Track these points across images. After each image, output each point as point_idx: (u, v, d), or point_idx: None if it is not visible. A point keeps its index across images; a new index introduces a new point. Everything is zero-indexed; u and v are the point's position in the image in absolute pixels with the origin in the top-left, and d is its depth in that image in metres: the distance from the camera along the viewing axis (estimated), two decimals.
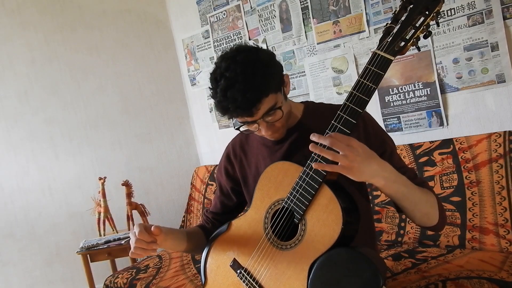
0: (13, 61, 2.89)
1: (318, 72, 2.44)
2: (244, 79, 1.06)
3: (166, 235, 1.23)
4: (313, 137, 0.97)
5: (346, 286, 0.98)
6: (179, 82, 3.28)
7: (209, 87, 1.14)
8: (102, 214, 2.69)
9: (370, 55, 0.98)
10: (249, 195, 1.34)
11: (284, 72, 1.20)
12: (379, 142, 1.18)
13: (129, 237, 2.51)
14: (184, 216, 2.97)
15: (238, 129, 1.19)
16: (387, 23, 0.98)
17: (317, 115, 1.25)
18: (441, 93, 2.02)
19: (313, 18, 2.41)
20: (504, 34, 1.81)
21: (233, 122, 1.16)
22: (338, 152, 0.95)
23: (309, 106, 1.29)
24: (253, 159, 1.32)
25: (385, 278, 1.01)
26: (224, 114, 1.12)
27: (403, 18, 0.95)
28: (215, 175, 1.46)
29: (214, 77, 1.12)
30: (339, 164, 0.95)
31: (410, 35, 0.95)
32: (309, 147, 0.98)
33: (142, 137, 3.17)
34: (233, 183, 1.39)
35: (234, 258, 1.21)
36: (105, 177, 2.71)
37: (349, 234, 1.02)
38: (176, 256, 2.30)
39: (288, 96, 1.22)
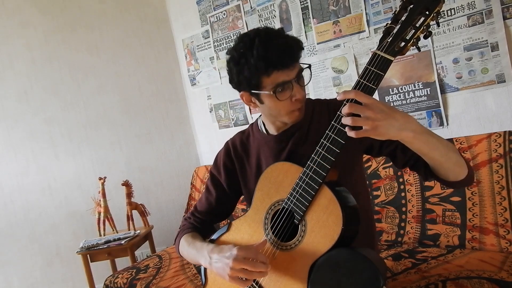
0: (13, 61, 2.89)
1: (318, 72, 2.44)
2: (283, 31, 1.15)
3: None
4: (339, 96, 0.95)
5: (346, 286, 0.98)
6: (179, 82, 3.28)
7: (232, 61, 1.13)
8: (102, 214, 2.70)
9: (370, 56, 0.98)
10: (249, 195, 1.34)
11: None
12: None
13: (129, 237, 2.55)
14: (184, 216, 2.97)
15: (275, 94, 1.11)
16: (387, 23, 0.97)
17: (317, 112, 1.25)
18: (441, 93, 2.02)
19: (313, 18, 2.41)
20: (504, 34, 1.81)
21: (272, 91, 1.10)
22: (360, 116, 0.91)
23: (308, 103, 1.28)
24: (254, 159, 1.32)
25: (385, 278, 1.00)
26: (267, 68, 1.08)
27: (403, 18, 0.95)
28: (209, 173, 1.43)
29: (244, 45, 1.11)
30: (363, 128, 0.90)
31: (410, 35, 0.94)
32: (346, 108, 0.92)
33: (142, 137, 3.17)
34: (230, 180, 1.37)
35: None
36: (105, 177, 2.72)
37: (349, 235, 1.02)
38: (176, 256, 2.29)
39: None
